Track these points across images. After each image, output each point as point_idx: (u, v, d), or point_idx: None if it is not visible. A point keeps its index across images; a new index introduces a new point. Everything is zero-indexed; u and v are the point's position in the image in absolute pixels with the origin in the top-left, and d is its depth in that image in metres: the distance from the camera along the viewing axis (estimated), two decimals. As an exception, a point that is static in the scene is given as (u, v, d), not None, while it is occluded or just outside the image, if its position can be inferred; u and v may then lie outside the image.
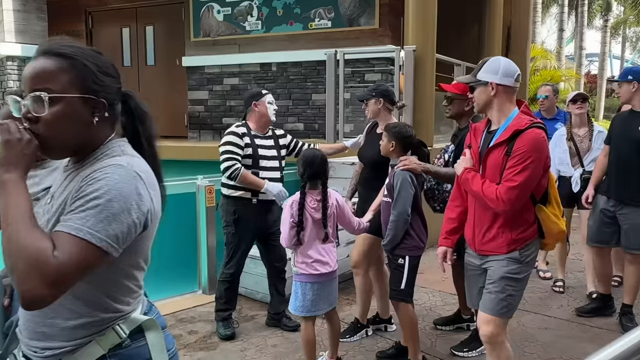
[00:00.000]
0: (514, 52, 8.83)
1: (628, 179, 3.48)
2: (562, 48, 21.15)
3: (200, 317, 3.97)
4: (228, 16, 8.28)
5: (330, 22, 7.62)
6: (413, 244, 2.92)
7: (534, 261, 2.45)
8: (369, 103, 3.38)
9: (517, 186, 2.18)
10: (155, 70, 9.37)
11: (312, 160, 2.76)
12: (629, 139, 3.47)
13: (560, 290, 4.37)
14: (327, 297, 2.84)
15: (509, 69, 2.31)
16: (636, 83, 3.44)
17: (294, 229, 2.74)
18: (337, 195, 2.90)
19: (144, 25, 9.38)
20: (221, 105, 8.45)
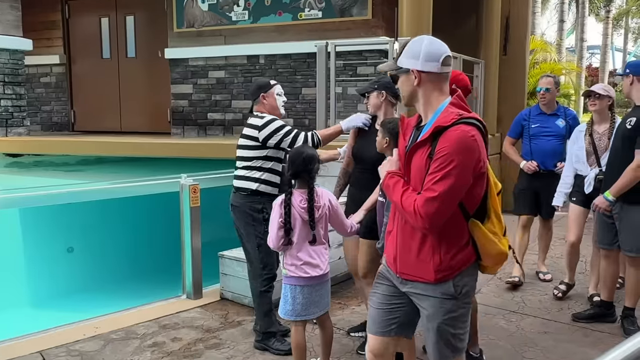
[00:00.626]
0: (513, 43, 8.85)
1: (613, 176, 3.49)
2: (562, 40, 21.28)
3: (184, 323, 3.95)
4: (213, 6, 8.22)
5: (321, 13, 7.59)
6: None
7: (473, 290, 2.10)
8: (371, 96, 3.32)
9: (437, 197, 1.84)
10: (136, 62, 9.28)
11: (294, 158, 2.75)
12: (619, 134, 3.53)
13: (559, 295, 4.32)
14: (319, 301, 2.83)
15: (432, 52, 1.96)
16: (632, 76, 3.48)
17: (282, 230, 2.73)
18: (329, 196, 2.88)
19: (124, 14, 9.29)
20: (206, 100, 8.40)
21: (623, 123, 3.52)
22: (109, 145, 7.39)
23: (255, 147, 3.46)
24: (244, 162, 3.52)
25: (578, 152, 4.12)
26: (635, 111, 3.47)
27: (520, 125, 4.71)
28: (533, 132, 4.58)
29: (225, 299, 4.40)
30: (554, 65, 12.39)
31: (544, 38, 24.03)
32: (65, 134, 9.48)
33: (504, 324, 3.89)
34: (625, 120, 3.49)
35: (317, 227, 2.78)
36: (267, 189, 3.45)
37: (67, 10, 9.60)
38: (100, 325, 3.86)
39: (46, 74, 9.76)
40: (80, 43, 9.60)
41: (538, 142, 4.55)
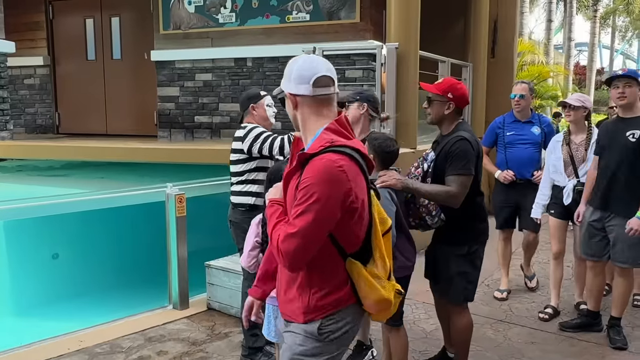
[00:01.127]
0: (501, 46, 8.87)
1: (616, 188, 3.45)
2: (550, 40, 21.42)
3: (170, 335, 3.92)
4: (200, 7, 8.16)
5: (309, 16, 7.56)
6: (398, 265, 2.78)
7: (349, 336, 1.87)
8: (351, 107, 3.22)
9: (296, 233, 1.65)
10: (122, 64, 9.20)
11: (274, 174, 2.62)
12: (617, 147, 3.45)
13: (545, 317, 4.08)
14: None
15: (302, 74, 1.81)
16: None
17: (255, 250, 2.63)
18: None
19: (109, 16, 9.20)
20: (193, 103, 8.34)
21: (622, 136, 3.41)
22: (94, 151, 7.31)
23: (244, 160, 3.44)
24: (237, 177, 3.50)
25: (556, 162, 4.05)
26: (636, 123, 3.41)
27: (494, 134, 4.55)
28: (508, 140, 4.43)
29: (212, 309, 4.37)
30: (542, 67, 12.44)
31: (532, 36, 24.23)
32: (49, 136, 9.38)
33: (491, 334, 3.90)
34: (625, 133, 3.40)
35: None
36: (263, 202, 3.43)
37: (51, 11, 9.49)
38: (84, 339, 3.81)
39: (30, 75, 9.64)
40: (65, 44, 9.49)
41: (514, 151, 4.41)
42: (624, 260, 3.48)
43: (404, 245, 2.82)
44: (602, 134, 3.66)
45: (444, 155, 2.87)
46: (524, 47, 12.56)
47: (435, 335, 3.76)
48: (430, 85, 3.03)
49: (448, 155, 2.84)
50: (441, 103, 2.92)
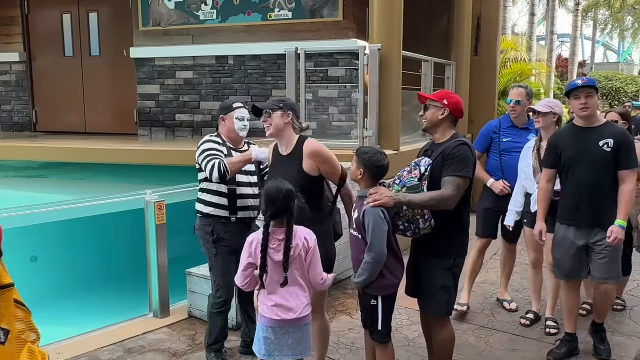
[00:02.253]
0: (484, 44, 8.90)
1: (597, 203, 3.31)
2: (533, 33, 21.56)
3: (151, 346, 3.87)
4: (180, 4, 8.03)
5: (291, 13, 7.49)
6: (385, 283, 2.79)
7: None
8: (274, 116, 3.04)
9: None
10: (101, 61, 9.04)
11: (275, 196, 2.54)
12: (592, 159, 3.29)
13: (527, 323, 4.10)
14: (293, 345, 2.64)
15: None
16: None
17: (249, 270, 2.60)
18: (307, 235, 2.66)
19: (87, 11, 9.02)
20: (174, 101, 8.24)
21: (596, 147, 3.28)
22: (73, 152, 7.18)
23: (199, 169, 3.47)
24: (199, 184, 3.57)
25: (526, 169, 3.93)
26: (606, 132, 3.32)
27: (489, 139, 4.31)
28: (504, 147, 4.20)
29: (193, 317, 4.33)
30: (524, 65, 12.51)
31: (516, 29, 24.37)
32: (27, 134, 9.20)
33: (473, 341, 3.91)
34: (598, 143, 3.28)
35: (291, 269, 2.60)
36: (215, 212, 3.43)
37: (27, 5, 9.27)
38: (63, 351, 3.75)
39: (5, 72, 9.45)
40: (41, 40, 9.29)
41: (509, 159, 4.15)
42: (609, 276, 3.36)
43: (393, 264, 2.82)
44: (565, 145, 3.41)
45: (440, 161, 2.86)
46: (507, 45, 12.61)
47: (417, 342, 3.76)
48: (428, 95, 3.12)
49: (447, 158, 2.83)
50: (437, 108, 2.96)
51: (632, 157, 3.28)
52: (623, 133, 3.38)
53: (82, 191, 6.33)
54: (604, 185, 3.31)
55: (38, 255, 5.64)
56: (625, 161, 3.26)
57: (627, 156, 3.26)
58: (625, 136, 3.35)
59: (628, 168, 3.26)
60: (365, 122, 5.80)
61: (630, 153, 3.28)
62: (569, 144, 3.40)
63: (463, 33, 8.33)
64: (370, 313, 2.88)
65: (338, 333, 4.00)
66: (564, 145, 3.42)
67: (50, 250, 5.64)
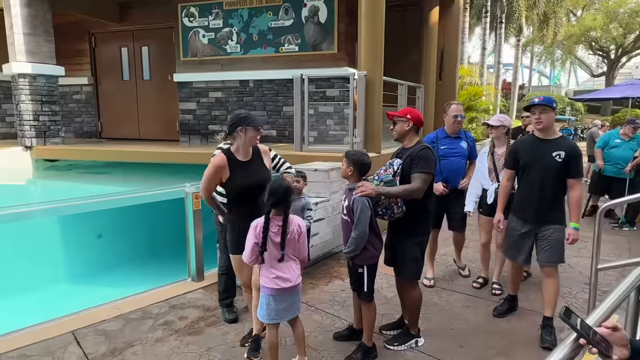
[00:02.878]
0: (446, 71, 8.89)
1: (544, 202, 3.12)
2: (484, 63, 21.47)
3: (189, 303, 3.87)
4: (212, 40, 8.01)
5: (297, 47, 7.47)
6: (369, 255, 2.81)
7: None
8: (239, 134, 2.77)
9: None
10: (151, 84, 9.02)
11: (276, 189, 2.54)
12: (543, 165, 3.09)
13: (477, 287, 4.09)
14: (289, 307, 2.65)
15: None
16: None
17: (254, 249, 2.56)
18: (299, 221, 2.68)
19: (140, 45, 8.99)
20: (207, 115, 8.22)
21: (549, 156, 3.06)
22: (130, 154, 7.18)
23: None
24: None
25: (482, 169, 3.92)
26: (560, 145, 3.08)
27: None
28: (442, 152, 4.00)
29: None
30: (477, 88, 12.49)
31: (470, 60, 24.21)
32: (94, 140, 9.19)
33: (437, 300, 3.90)
34: (552, 153, 3.05)
35: (286, 249, 2.59)
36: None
37: (94, 41, 9.25)
38: (121, 307, 3.75)
39: (77, 92, 9.42)
40: (105, 68, 9.27)
41: (447, 162, 4.00)
42: (555, 260, 3.14)
43: (374, 240, 2.83)
44: (524, 151, 3.23)
45: (409, 161, 2.87)
46: (463, 72, 12.58)
47: (394, 301, 3.75)
48: (394, 112, 3.09)
49: (414, 159, 2.85)
50: (402, 122, 2.98)
51: (580, 168, 3.08)
52: (574, 146, 3.10)
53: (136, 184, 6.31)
54: (550, 189, 3.10)
55: (103, 234, 5.64)
56: (574, 171, 3.05)
57: (575, 167, 3.05)
58: (575, 149, 3.07)
59: (576, 177, 3.05)
60: (354, 131, 5.81)
61: (579, 164, 3.07)
62: (527, 151, 3.20)
63: (430, 62, 8.32)
64: (357, 279, 2.88)
65: (333, 293, 4.01)
66: (522, 152, 3.23)
67: (112, 229, 5.64)
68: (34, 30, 7.20)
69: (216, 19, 7.91)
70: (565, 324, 1.21)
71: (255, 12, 7.66)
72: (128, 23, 8.83)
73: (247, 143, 2.79)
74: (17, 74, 7.19)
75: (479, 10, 21.62)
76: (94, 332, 3.32)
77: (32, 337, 3.19)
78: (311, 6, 7.32)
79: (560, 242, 3.12)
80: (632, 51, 27.56)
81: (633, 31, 26.07)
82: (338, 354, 3.00)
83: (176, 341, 3.19)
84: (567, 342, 1.23)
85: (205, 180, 2.83)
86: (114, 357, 2.98)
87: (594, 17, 26.84)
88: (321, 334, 3.28)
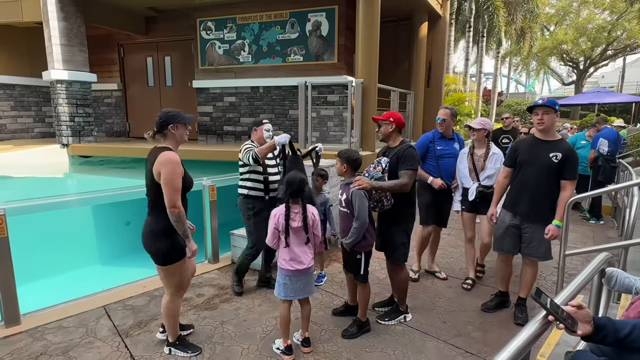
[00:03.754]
0: (433, 79, 8.82)
1: (535, 199, 2.92)
2: (467, 72, 21.31)
3: (206, 282, 3.89)
4: (227, 50, 7.97)
5: (302, 57, 7.42)
6: (366, 243, 2.81)
7: None
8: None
9: None
10: (172, 89, 8.99)
11: (292, 181, 2.54)
12: (539, 164, 2.87)
13: (468, 288, 3.69)
14: (302, 287, 2.63)
15: None
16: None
17: (275, 233, 2.56)
18: (313, 211, 2.62)
19: (163, 55, 8.95)
20: (222, 117, 8.20)
21: (546, 156, 2.84)
22: (153, 150, 7.16)
23: (242, 165, 3.47)
24: (240, 175, 3.53)
25: (463, 169, 3.68)
26: (558, 146, 2.86)
27: (426, 147, 3.74)
28: (439, 153, 3.71)
29: (235, 263, 4.33)
30: (461, 94, 12.42)
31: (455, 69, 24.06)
32: (123, 139, 9.17)
33: (423, 281, 3.91)
34: (549, 154, 2.84)
35: (302, 233, 2.57)
36: (254, 193, 3.45)
37: (122, 51, 9.20)
38: (147, 285, 3.78)
39: (108, 96, 9.40)
40: (132, 75, 9.23)
41: (443, 162, 3.72)
42: (539, 256, 2.98)
43: (370, 229, 2.83)
44: (523, 150, 2.99)
45: (395, 159, 2.88)
46: (449, 80, 12.50)
47: (385, 281, 3.77)
48: (379, 116, 3.07)
49: (400, 157, 2.85)
50: (386, 125, 2.98)
51: (575, 171, 2.83)
52: (571, 150, 2.84)
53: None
54: (543, 188, 2.89)
55: (130, 221, 5.64)
56: (568, 173, 2.82)
57: (570, 169, 2.81)
58: (571, 152, 2.83)
59: (569, 179, 2.82)
60: (352, 132, 5.77)
61: (574, 167, 2.82)
62: (525, 149, 2.97)
63: (419, 71, 8.26)
64: (356, 264, 2.87)
65: (332, 275, 4.02)
66: (521, 150, 3.00)
67: (139, 217, 5.62)
68: (69, 41, 7.17)
69: (230, 32, 7.86)
70: (536, 303, 1.21)
71: (264, 26, 7.61)
72: (153, 35, 8.79)
73: (179, 140, 2.49)
74: (55, 80, 7.17)
75: (464, 25, 21.44)
76: (122, 307, 3.34)
77: (68, 311, 3.22)
78: (314, 21, 7.27)
79: (547, 240, 2.92)
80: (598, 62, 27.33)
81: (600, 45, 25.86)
82: (336, 327, 3.02)
83: (194, 315, 3.22)
84: (538, 318, 1.23)
85: (175, 184, 2.29)
86: (140, 328, 3.00)
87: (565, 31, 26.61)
88: (321, 310, 3.30)
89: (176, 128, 2.46)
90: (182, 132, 2.48)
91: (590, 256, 3.81)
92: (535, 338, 1.15)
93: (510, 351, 1.05)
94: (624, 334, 1.30)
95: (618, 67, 32.03)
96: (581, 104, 16.85)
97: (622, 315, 1.64)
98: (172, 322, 2.62)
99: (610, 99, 15.60)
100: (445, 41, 9.04)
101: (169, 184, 2.27)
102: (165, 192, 2.29)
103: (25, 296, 3.19)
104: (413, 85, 8.27)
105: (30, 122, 8.88)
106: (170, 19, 8.51)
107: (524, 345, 1.08)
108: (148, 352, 2.70)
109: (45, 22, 7.04)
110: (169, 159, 2.30)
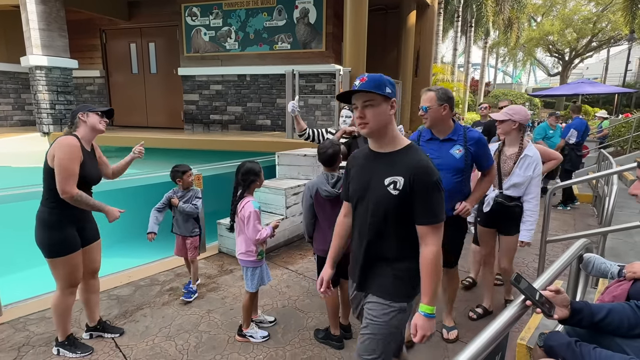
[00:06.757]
0: (421, 69, 8.83)
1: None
2: (455, 62, 21.40)
3: (193, 271, 3.87)
4: (212, 37, 7.82)
5: (290, 45, 7.34)
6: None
7: None
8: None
9: None
10: (157, 77, 8.81)
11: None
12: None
13: (474, 317, 2.89)
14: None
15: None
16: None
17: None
18: (248, 206, 2.53)
19: (147, 41, 8.75)
20: (208, 105, 8.09)
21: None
22: (139, 140, 7.04)
23: None
24: None
25: None
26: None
27: None
28: None
29: (222, 252, 4.33)
30: (449, 84, 12.47)
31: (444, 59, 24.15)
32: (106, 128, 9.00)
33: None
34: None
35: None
36: None
37: (105, 37, 8.96)
38: (132, 275, 3.74)
39: (90, 84, 9.17)
40: (115, 62, 9.01)
41: None
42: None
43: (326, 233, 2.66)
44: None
45: None
46: (436, 70, 12.53)
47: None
48: None
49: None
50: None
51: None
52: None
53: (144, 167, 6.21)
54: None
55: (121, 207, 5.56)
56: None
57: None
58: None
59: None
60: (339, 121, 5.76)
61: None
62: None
63: (407, 61, 8.25)
64: None
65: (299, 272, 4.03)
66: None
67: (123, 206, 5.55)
68: (48, 25, 6.94)
69: (216, 18, 7.71)
70: (516, 289, 1.23)
71: (251, 13, 7.48)
72: (136, 21, 8.57)
73: (94, 129, 2.34)
74: (34, 66, 6.95)
75: (452, 15, 21.44)
76: (107, 297, 3.31)
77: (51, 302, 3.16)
78: (302, 8, 7.17)
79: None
80: (583, 54, 27.73)
81: (585, 36, 26.20)
82: (322, 315, 3.04)
83: (181, 305, 3.20)
84: (516, 303, 1.25)
85: (69, 167, 2.11)
86: (125, 318, 2.98)
87: (552, 22, 26.86)
88: (307, 298, 3.31)
89: (86, 115, 2.32)
90: (94, 120, 2.33)
91: (570, 243, 3.87)
92: (513, 322, 1.17)
93: (488, 335, 1.07)
94: (599, 318, 1.34)
95: (602, 59, 32.59)
96: (566, 94, 17.14)
97: (598, 299, 1.69)
98: (60, 319, 2.41)
99: (593, 89, 15.92)
100: (433, 30, 9.03)
101: (63, 169, 2.11)
102: (58, 176, 2.12)
103: (6, 287, 3.13)
104: (401, 75, 8.27)
105: (9, 110, 8.61)
106: (154, 4, 8.30)
107: (502, 329, 1.10)
108: (133, 342, 2.69)
109: (23, 4, 6.79)
110: (66, 143, 2.16)
